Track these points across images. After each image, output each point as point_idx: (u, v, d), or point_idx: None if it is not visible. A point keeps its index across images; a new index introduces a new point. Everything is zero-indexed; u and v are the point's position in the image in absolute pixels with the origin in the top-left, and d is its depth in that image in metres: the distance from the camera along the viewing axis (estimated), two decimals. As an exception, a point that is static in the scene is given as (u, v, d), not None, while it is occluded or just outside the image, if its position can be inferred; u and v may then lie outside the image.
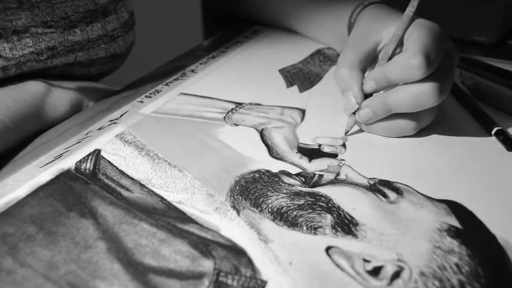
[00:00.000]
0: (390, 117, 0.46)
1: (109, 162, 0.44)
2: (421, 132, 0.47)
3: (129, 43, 0.55)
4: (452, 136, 0.47)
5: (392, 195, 0.40)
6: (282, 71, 0.60)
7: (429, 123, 0.46)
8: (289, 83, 0.57)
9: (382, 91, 0.45)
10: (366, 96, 0.46)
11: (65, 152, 0.45)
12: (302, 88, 0.56)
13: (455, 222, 0.37)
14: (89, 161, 0.44)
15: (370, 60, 0.48)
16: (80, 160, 0.44)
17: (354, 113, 0.46)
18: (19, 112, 0.46)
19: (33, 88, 0.49)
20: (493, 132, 0.47)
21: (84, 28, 0.49)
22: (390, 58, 0.45)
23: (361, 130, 0.48)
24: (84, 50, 0.50)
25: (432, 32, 0.43)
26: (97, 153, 0.45)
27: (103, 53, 0.52)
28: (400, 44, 0.45)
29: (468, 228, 0.36)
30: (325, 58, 0.61)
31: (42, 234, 0.36)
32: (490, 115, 0.49)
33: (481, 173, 0.42)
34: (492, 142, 0.46)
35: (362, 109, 0.45)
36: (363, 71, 0.47)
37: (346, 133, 0.48)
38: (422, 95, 0.43)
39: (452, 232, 0.36)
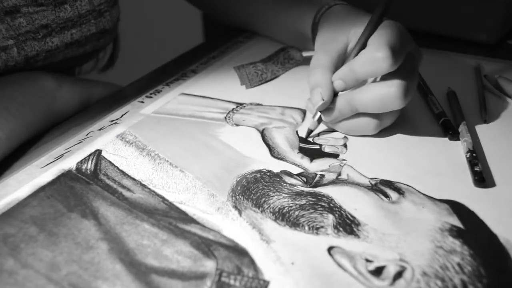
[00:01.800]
0: (354, 116, 0.46)
1: (110, 162, 0.44)
2: (422, 132, 0.47)
3: (115, 17, 0.57)
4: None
5: (393, 195, 0.40)
6: (238, 68, 0.59)
7: (391, 123, 0.46)
8: (242, 81, 0.57)
9: (349, 90, 0.45)
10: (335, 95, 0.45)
11: (66, 153, 0.45)
12: (250, 85, 0.57)
13: (457, 222, 0.37)
14: (90, 161, 0.44)
15: (341, 62, 0.47)
16: (81, 160, 0.44)
17: (318, 118, 0.46)
18: (30, 107, 0.47)
19: (43, 83, 0.50)
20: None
21: (73, 3, 0.50)
22: None
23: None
24: (77, 27, 0.51)
25: (395, 28, 0.44)
26: (98, 154, 0.45)
27: (94, 29, 0.53)
28: (365, 45, 0.45)
29: (470, 228, 0.36)
30: (289, 56, 0.61)
31: (44, 234, 0.36)
32: None
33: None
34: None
35: (328, 109, 0.45)
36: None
37: (309, 133, 0.47)
38: (387, 96, 0.43)
39: (454, 232, 0.36)
